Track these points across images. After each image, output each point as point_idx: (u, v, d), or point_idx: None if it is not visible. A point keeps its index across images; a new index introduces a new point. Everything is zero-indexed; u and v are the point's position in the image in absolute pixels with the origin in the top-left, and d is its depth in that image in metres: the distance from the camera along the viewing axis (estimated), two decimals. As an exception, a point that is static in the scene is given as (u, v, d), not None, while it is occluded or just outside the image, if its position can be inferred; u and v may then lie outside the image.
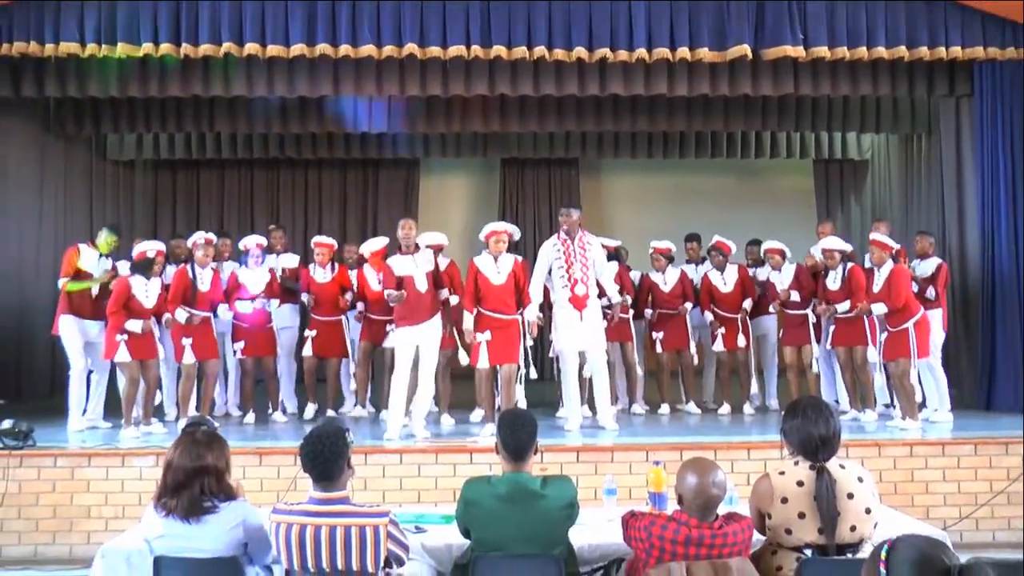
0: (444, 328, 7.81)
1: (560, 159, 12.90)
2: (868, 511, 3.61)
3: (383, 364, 8.66)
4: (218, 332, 8.30)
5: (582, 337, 7.65)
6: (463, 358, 7.90)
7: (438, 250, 8.35)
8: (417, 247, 7.60)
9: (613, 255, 8.73)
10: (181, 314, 7.78)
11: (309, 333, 8.62)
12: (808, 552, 3.57)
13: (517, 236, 8.87)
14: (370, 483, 6.46)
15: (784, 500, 3.60)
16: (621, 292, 8.22)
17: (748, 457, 6.69)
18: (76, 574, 6.03)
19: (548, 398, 8.90)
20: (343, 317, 8.77)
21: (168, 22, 8.16)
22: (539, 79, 8.86)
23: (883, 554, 2.13)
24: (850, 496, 3.58)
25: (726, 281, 8.89)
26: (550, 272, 7.77)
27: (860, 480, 3.65)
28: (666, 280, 8.89)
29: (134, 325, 7.46)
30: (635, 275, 9.18)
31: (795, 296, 8.45)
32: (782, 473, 3.68)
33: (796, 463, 3.70)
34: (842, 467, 3.67)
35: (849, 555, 3.57)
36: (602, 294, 8.00)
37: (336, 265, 8.89)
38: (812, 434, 3.67)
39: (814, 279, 8.57)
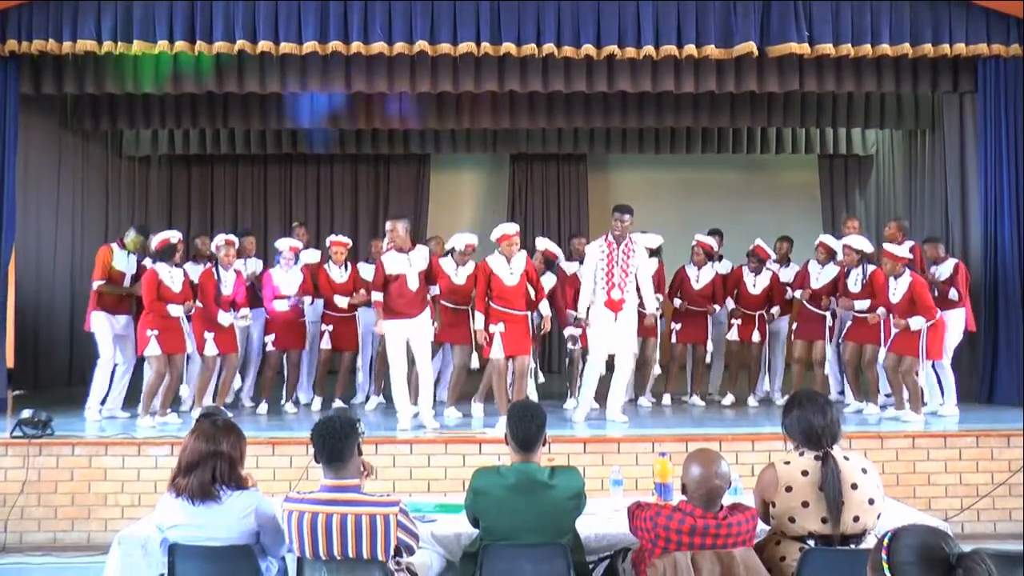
0: (433, 322, 7.87)
1: (568, 155, 12.94)
2: (871, 502, 3.67)
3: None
4: (239, 327, 8.42)
5: (613, 338, 7.71)
6: (474, 361, 7.99)
7: (472, 251, 8.36)
8: (413, 245, 7.64)
9: (655, 253, 8.78)
10: (226, 317, 7.96)
11: (325, 328, 8.73)
12: (811, 542, 3.64)
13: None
14: (380, 473, 6.45)
15: (788, 489, 3.67)
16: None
17: (752, 448, 6.76)
18: (94, 560, 6.04)
19: (556, 389, 8.99)
20: (356, 313, 8.89)
21: (183, 20, 8.28)
22: (548, 76, 8.94)
23: (885, 541, 2.20)
24: (854, 487, 3.64)
25: (756, 284, 8.95)
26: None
27: (864, 471, 3.71)
28: (699, 277, 8.92)
29: (175, 309, 7.64)
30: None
31: (832, 303, 8.46)
32: (787, 463, 3.76)
33: (801, 454, 3.78)
34: (846, 459, 3.73)
35: (852, 545, 3.63)
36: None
37: (350, 264, 9.00)
38: (813, 423, 3.76)
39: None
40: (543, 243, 8.92)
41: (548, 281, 8.44)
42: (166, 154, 12.25)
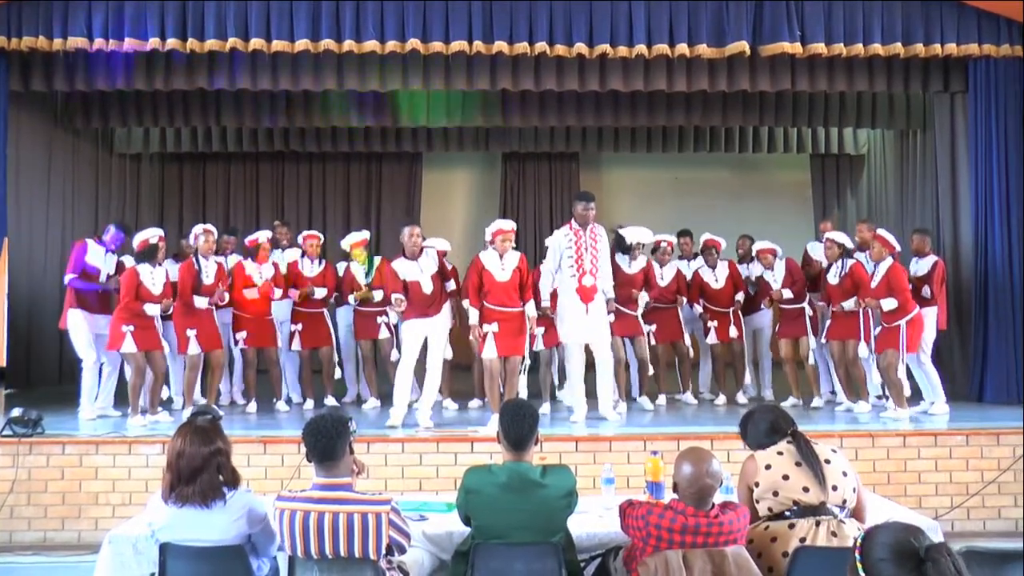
0: (452, 319, 7.94)
1: (561, 153, 12.97)
2: (845, 474, 3.82)
3: (380, 356, 8.86)
4: (221, 323, 8.41)
5: (587, 330, 7.69)
6: (447, 351, 8.01)
7: (442, 255, 8.49)
8: (422, 250, 7.69)
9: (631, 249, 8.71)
10: (201, 301, 7.93)
11: (295, 327, 8.74)
12: (796, 508, 3.72)
13: None
14: (372, 471, 6.48)
15: (768, 467, 3.83)
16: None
17: (744, 447, 6.75)
18: (84, 560, 5.98)
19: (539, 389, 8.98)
20: (324, 309, 8.90)
21: (175, 18, 8.27)
22: (540, 75, 8.94)
23: (858, 542, 2.27)
24: (827, 462, 3.82)
25: (717, 278, 8.98)
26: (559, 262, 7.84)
27: (833, 451, 3.91)
28: (663, 275, 8.94)
29: (152, 308, 7.60)
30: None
31: (788, 294, 8.53)
32: (763, 448, 3.94)
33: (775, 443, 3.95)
34: (815, 443, 3.91)
35: (836, 510, 3.70)
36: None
37: (323, 260, 9.00)
38: (769, 419, 4.03)
39: (815, 277, 8.66)
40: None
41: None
42: (158, 152, 12.25)
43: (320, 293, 8.76)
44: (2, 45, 8.38)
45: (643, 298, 8.43)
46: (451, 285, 7.90)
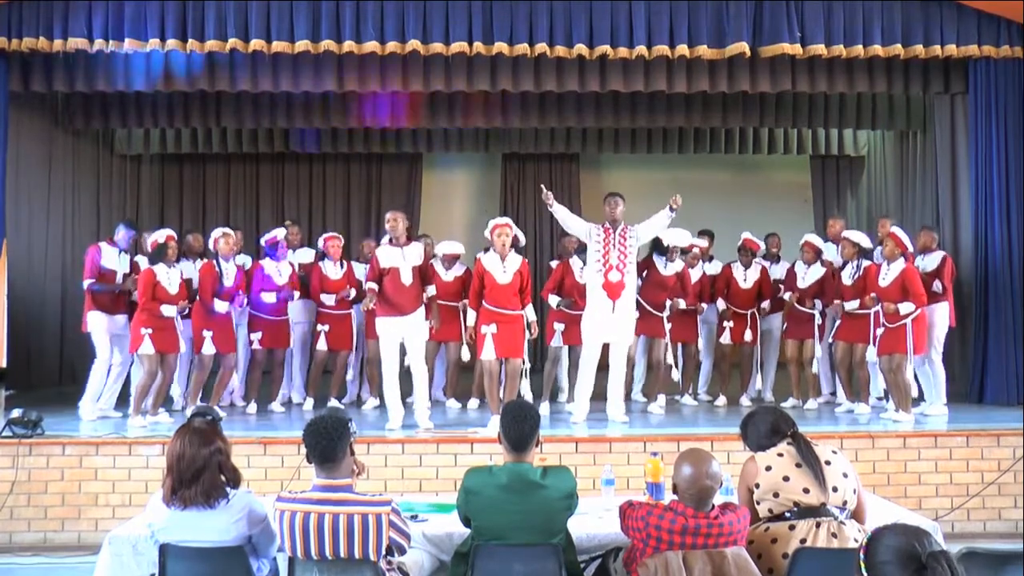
0: (430, 323, 7.88)
1: (561, 154, 12.96)
2: (845, 475, 3.82)
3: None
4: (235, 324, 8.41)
5: (610, 329, 7.64)
6: (465, 353, 7.96)
7: (454, 259, 8.63)
8: (408, 240, 7.65)
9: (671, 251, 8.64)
10: (222, 305, 7.93)
11: (322, 328, 8.72)
12: (796, 509, 3.73)
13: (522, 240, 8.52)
14: (372, 472, 6.47)
15: (768, 468, 3.83)
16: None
17: (744, 448, 6.73)
18: (84, 560, 5.98)
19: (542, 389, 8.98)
20: (351, 310, 8.89)
21: (175, 18, 8.28)
22: (540, 75, 8.95)
23: (864, 542, 2.27)
24: (827, 463, 3.82)
25: (747, 278, 8.92)
26: (584, 253, 7.88)
27: (834, 452, 3.92)
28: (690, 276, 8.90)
29: (169, 310, 7.59)
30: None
31: (818, 305, 8.48)
32: (763, 453, 3.93)
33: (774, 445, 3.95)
34: (816, 444, 3.92)
35: (836, 512, 3.70)
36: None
37: (344, 262, 8.99)
38: (770, 421, 4.02)
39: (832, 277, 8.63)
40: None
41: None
42: (158, 153, 12.26)
43: (352, 294, 8.74)
44: (2, 46, 8.39)
45: (680, 304, 8.41)
46: (431, 290, 7.77)
